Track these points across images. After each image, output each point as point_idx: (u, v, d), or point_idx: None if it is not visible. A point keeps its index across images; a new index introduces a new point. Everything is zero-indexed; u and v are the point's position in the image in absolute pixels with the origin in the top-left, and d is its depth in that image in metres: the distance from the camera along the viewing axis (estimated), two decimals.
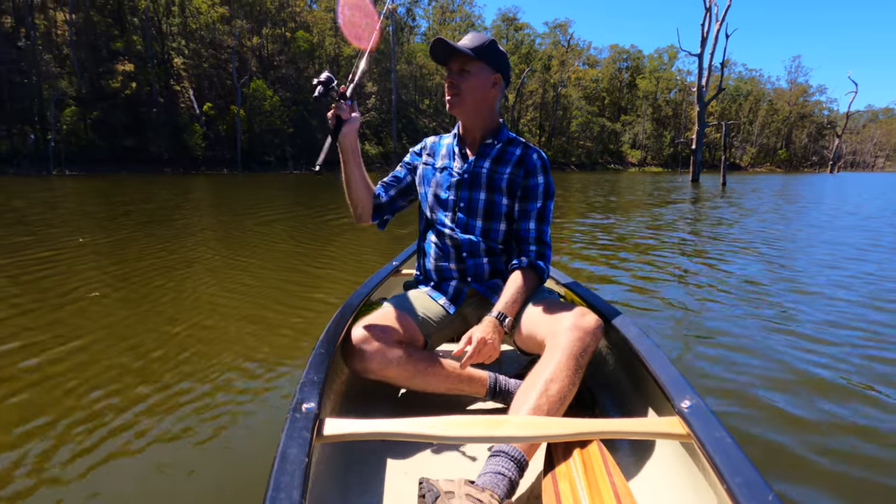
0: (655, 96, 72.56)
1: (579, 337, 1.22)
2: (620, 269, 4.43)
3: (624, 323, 1.35)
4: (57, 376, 2.12)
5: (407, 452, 1.24)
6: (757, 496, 0.73)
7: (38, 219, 7.53)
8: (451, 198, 1.54)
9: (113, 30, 36.64)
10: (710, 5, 24.23)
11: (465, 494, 0.90)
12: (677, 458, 1.08)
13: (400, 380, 1.31)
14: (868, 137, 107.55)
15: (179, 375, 2.13)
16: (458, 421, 1.01)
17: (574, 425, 1.02)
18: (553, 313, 1.32)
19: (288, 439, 0.84)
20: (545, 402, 1.12)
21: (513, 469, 1.00)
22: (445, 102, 1.48)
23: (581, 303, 1.59)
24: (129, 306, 3.13)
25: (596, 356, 1.51)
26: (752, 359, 2.37)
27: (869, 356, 2.41)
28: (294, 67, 43.66)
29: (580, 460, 1.03)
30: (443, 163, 1.58)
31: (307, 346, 2.42)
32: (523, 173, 1.50)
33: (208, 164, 34.67)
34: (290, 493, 0.72)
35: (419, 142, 1.70)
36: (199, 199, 12.30)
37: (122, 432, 1.69)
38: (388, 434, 0.99)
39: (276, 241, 5.76)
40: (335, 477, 1.11)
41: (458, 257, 1.53)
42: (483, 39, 1.44)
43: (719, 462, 0.82)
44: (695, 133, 24.78)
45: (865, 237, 6.50)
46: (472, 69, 1.43)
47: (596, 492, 0.94)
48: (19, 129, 29.66)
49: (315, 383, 1.03)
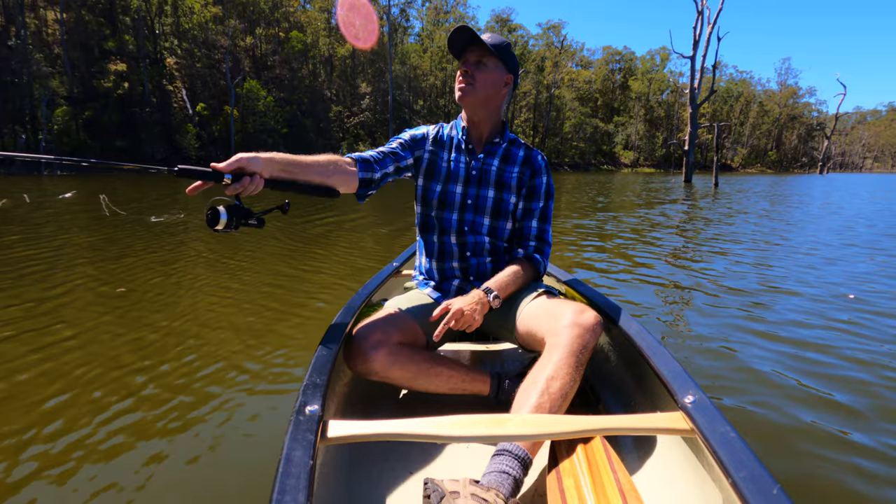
0: (648, 98, 73.05)
1: (579, 334, 1.22)
2: (621, 269, 4.47)
3: (625, 319, 1.35)
4: (56, 376, 2.11)
5: (411, 453, 1.24)
6: (762, 490, 0.73)
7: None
8: (460, 194, 1.53)
9: (105, 29, 36.37)
10: (702, 8, 24.47)
11: (470, 494, 0.89)
12: (681, 454, 1.08)
13: (403, 381, 1.31)
14: (857, 139, 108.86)
15: (180, 376, 2.13)
16: (461, 420, 1.01)
17: (577, 422, 1.02)
18: (553, 310, 1.33)
19: (292, 442, 0.84)
20: (547, 400, 1.13)
21: (517, 468, 1.01)
22: (456, 91, 1.45)
23: (581, 299, 1.60)
24: (121, 304, 3.13)
25: (597, 353, 1.53)
26: (751, 355, 2.40)
27: (869, 351, 2.45)
28: (288, 68, 43.53)
29: (584, 457, 1.04)
30: (452, 156, 1.55)
31: (309, 348, 2.42)
32: (530, 173, 1.53)
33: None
34: (295, 495, 0.72)
35: (416, 128, 1.60)
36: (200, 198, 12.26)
37: (123, 434, 1.68)
38: (392, 435, 0.99)
39: (278, 242, 5.74)
40: (340, 479, 1.10)
41: (461, 256, 1.53)
42: (502, 39, 1.45)
43: (724, 456, 0.81)
44: (687, 134, 24.99)
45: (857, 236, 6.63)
46: (490, 63, 1.43)
47: (600, 488, 0.94)
48: (10, 129, 29.40)
49: (318, 385, 1.03)
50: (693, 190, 18.63)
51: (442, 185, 1.54)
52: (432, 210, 1.55)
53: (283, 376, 2.16)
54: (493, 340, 1.95)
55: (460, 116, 1.58)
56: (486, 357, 1.84)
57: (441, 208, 1.54)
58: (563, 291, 1.81)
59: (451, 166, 1.54)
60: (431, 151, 1.56)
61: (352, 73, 49.42)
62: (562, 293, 1.77)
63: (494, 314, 1.47)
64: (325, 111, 44.22)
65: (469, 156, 1.54)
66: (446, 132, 1.59)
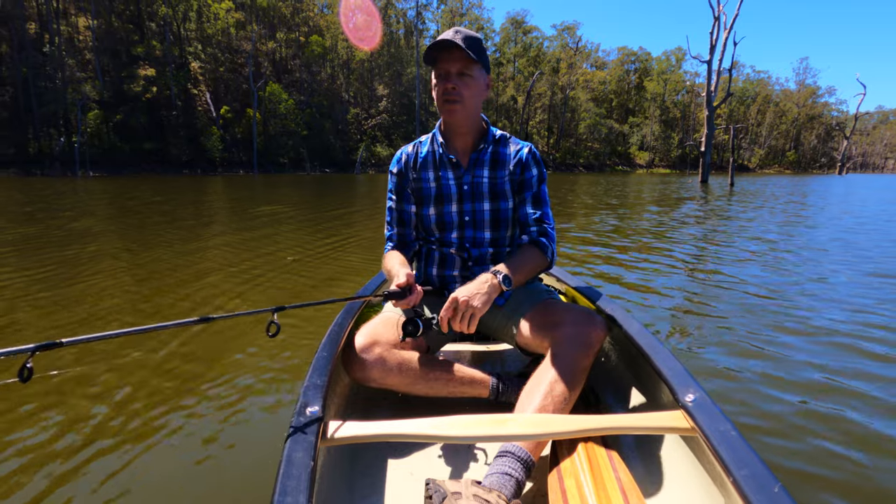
0: (663, 98, 72.77)
1: (583, 337, 1.22)
2: (623, 268, 4.46)
3: (626, 319, 1.34)
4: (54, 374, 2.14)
5: (412, 453, 1.23)
6: (763, 488, 0.74)
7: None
8: (456, 213, 1.48)
9: (133, 35, 37.65)
10: (719, 14, 24.70)
11: (472, 495, 0.89)
12: (682, 452, 1.08)
13: (402, 386, 1.28)
14: (878, 139, 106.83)
15: (180, 376, 2.12)
16: (462, 421, 1.02)
17: (578, 422, 1.03)
18: (555, 313, 1.32)
19: (293, 443, 0.85)
20: (550, 403, 1.12)
21: (519, 469, 1.00)
22: (442, 108, 1.37)
23: (583, 301, 1.60)
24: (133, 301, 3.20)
25: (599, 353, 1.49)
26: (752, 354, 2.41)
27: (870, 352, 2.45)
28: (307, 71, 44.49)
29: (585, 457, 1.04)
30: (436, 176, 1.49)
31: (309, 348, 2.43)
32: (520, 171, 1.47)
33: (224, 166, 35.59)
34: (296, 496, 0.72)
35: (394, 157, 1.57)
36: (245, 198, 12.87)
37: (123, 434, 1.68)
38: (393, 435, 0.99)
39: (280, 242, 5.68)
40: (341, 480, 1.10)
41: (463, 266, 1.50)
42: (476, 37, 1.34)
43: (724, 455, 0.82)
44: (703, 136, 25.24)
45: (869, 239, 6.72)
46: (474, 73, 1.34)
47: (602, 488, 0.94)
48: (46, 133, 30.66)
49: (318, 386, 1.03)
50: (709, 190, 18.89)
51: (435, 208, 1.49)
52: (432, 235, 1.53)
53: (283, 377, 2.14)
54: (493, 341, 1.91)
55: (437, 127, 1.51)
56: (486, 358, 1.82)
57: (441, 230, 1.50)
58: (564, 292, 1.81)
59: (440, 187, 1.48)
60: (415, 178, 1.51)
61: (369, 76, 50.23)
62: (562, 293, 1.80)
63: (496, 317, 1.46)
64: (343, 113, 45.11)
65: (455, 170, 1.47)
66: (425, 149, 1.52)
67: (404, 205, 1.53)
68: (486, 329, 1.51)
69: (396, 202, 1.54)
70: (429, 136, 1.54)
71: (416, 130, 46.45)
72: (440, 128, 1.49)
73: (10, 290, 3.57)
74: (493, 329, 1.49)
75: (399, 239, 1.56)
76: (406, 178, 1.52)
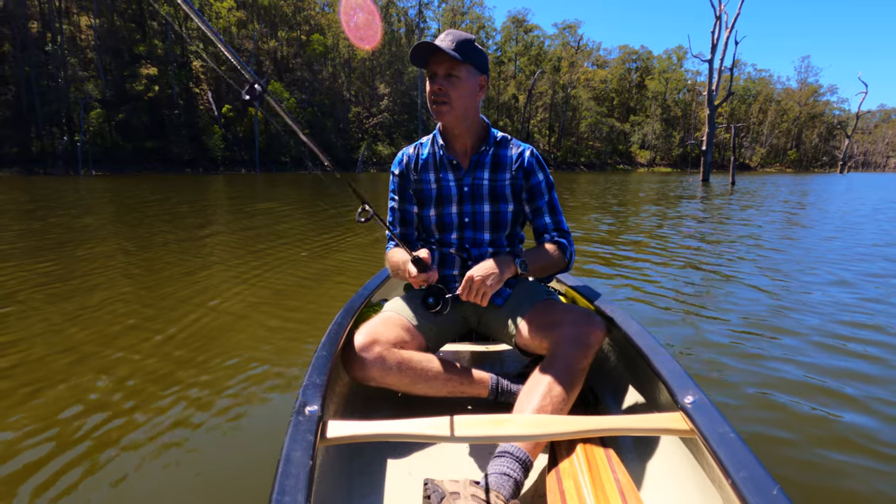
0: (664, 97, 72.66)
1: (582, 338, 1.23)
2: (623, 268, 4.46)
3: (625, 320, 1.34)
4: (54, 373, 2.16)
5: (411, 453, 1.23)
6: (762, 490, 0.73)
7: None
8: (456, 214, 1.50)
9: (134, 34, 37.69)
10: (720, 13, 24.67)
11: (470, 495, 0.89)
12: (681, 454, 1.08)
13: (401, 386, 1.28)
14: (880, 137, 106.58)
15: (180, 377, 2.13)
16: (461, 421, 1.02)
17: (577, 423, 1.03)
18: (555, 314, 1.32)
19: (291, 442, 0.85)
20: (549, 403, 1.13)
21: (518, 470, 1.01)
22: (432, 109, 1.39)
23: (583, 302, 1.60)
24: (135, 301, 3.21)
25: (598, 354, 1.49)
26: (752, 354, 2.41)
27: (871, 352, 2.46)
28: (309, 70, 44.51)
29: (584, 458, 1.04)
30: (436, 177, 1.50)
31: (310, 349, 2.43)
32: (522, 175, 1.48)
33: (226, 165, 35.60)
34: (294, 496, 0.72)
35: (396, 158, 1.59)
36: (242, 196, 12.94)
37: (122, 434, 1.68)
38: (392, 435, 0.99)
39: (282, 243, 5.63)
40: (339, 479, 1.10)
41: (463, 265, 1.51)
42: (466, 38, 1.34)
43: (723, 457, 0.82)
44: (705, 134, 25.23)
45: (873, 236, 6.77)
46: (461, 74, 1.34)
47: (600, 489, 0.94)
48: (48, 132, 30.75)
49: (317, 386, 1.03)
50: (710, 189, 18.91)
51: (435, 210, 1.51)
52: (432, 235, 1.55)
53: (285, 377, 2.15)
54: (492, 341, 1.91)
55: (438, 129, 1.51)
56: (485, 358, 1.83)
57: (440, 230, 1.52)
58: (563, 293, 1.81)
59: (441, 189, 1.50)
60: (416, 180, 1.53)
61: (370, 75, 50.23)
62: (562, 294, 1.80)
63: (496, 317, 1.47)
64: (344, 112, 45.11)
65: (455, 172, 1.49)
66: (426, 150, 1.53)
67: (406, 205, 1.55)
68: (485, 329, 1.53)
69: (398, 202, 1.56)
70: (429, 138, 1.55)
71: (418, 129, 46.51)
72: (440, 129, 1.50)
73: (14, 281, 3.68)
74: (493, 329, 1.51)
75: (401, 238, 1.58)
76: (407, 179, 1.54)
